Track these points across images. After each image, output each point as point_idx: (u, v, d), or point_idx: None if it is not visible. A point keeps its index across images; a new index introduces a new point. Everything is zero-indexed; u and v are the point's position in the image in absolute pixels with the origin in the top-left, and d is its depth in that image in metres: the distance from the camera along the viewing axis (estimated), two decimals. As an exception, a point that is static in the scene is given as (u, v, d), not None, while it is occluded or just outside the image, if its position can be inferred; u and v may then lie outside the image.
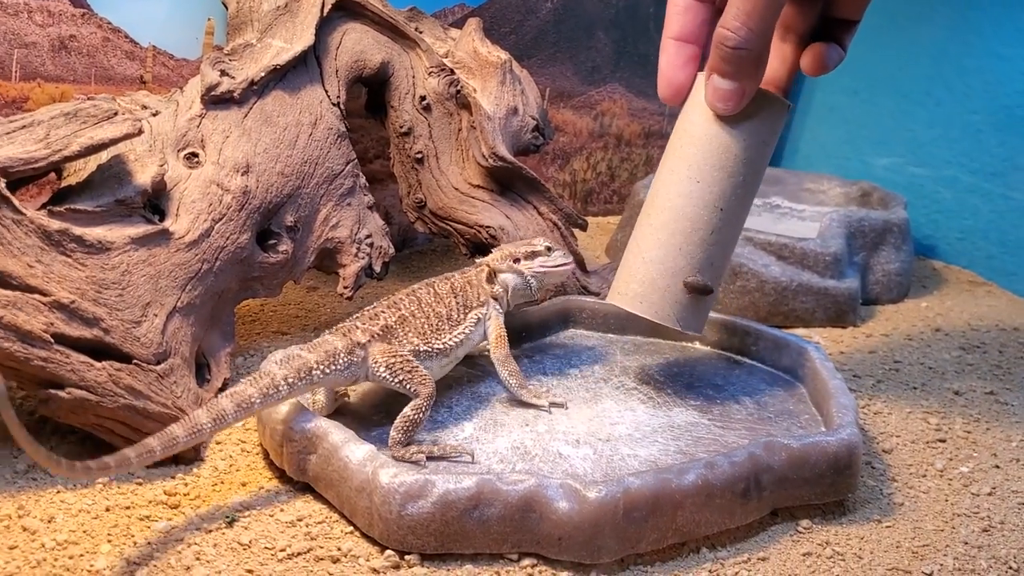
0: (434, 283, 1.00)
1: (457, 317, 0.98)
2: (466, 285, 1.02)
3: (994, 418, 1.10)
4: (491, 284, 1.04)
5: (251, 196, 1.03)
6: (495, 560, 0.77)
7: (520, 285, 1.05)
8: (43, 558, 0.74)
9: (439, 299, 0.98)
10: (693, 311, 0.95)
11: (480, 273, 1.04)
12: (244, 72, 1.09)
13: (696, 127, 0.92)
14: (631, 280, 0.96)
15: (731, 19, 0.82)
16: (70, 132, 0.89)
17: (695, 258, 0.93)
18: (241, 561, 0.75)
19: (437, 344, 0.95)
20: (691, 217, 0.92)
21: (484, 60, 1.34)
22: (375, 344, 0.90)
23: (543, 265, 1.05)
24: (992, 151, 1.74)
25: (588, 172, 1.94)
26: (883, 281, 1.55)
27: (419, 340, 0.94)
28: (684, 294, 0.93)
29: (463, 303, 1.00)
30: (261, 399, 0.81)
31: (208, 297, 0.98)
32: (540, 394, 0.99)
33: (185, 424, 0.77)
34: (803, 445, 0.85)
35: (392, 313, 0.94)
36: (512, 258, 1.05)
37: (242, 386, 0.81)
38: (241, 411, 0.80)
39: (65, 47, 1.21)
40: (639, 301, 0.95)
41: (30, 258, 0.83)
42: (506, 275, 1.04)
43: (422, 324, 0.95)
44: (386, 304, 0.95)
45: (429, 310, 0.96)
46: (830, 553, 0.81)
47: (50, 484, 0.84)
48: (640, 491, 0.76)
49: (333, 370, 0.87)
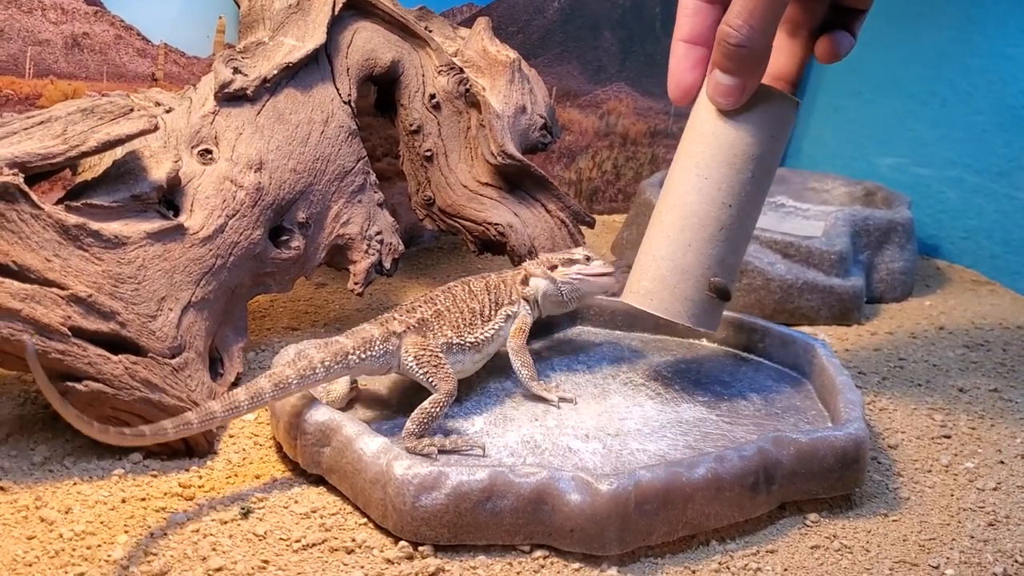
0: (470, 281, 1.03)
1: (489, 313, 1.01)
2: (500, 284, 1.05)
3: (998, 415, 1.10)
4: (524, 286, 1.06)
5: (264, 193, 1.04)
6: (507, 552, 0.78)
7: (552, 291, 1.06)
8: (61, 548, 0.75)
9: (473, 295, 1.01)
10: (707, 308, 0.96)
11: (517, 275, 1.07)
12: (257, 70, 1.10)
13: (704, 124, 0.93)
14: (643, 278, 0.97)
15: (734, 17, 0.84)
16: (87, 128, 0.90)
17: (705, 255, 0.94)
18: (257, 552, 0.76)
19: (469, 338, 0.98)
20: (699, 214, 0.93)
21: (493, 59, 1.35)
22: (410, 335, 0.93)
23: (579, 274, 1.07)
24: (997, 151, 1.75)
25: (594, 171, 1.95)
26: (887, 280, 1.56)
27: (452, 333, 0.97)
28: (697, 291, 0.94)
29: (495, 300, 1.02)
30: (298, 380, 0.84)
31: (222, 292, 0.99)
32: (550, 388, 1.00)
33: (224, 400, 0.80)
34: (811, 440, 0.86)
35: (428, 308, 0.97)
36: (549, 264, 1.07)
37: (280, 368, 0.84)
38: (279, 390, 0.83)
39: (78, 44, 1.22)
40: (650, 299, 0.96)
41: (48, 252, 0.84)
42: (538, 280, 1.06)
43: (456, 318, 0.98)
44: (423, 299, 0.98)
45: (463, 305, 0.99)
46: (838, 546, 0.82)
47: (67, 476, 0.86)
48: (651, 484, 0.77)
49: (368, 356, 0.90)
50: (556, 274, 1.07)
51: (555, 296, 1.07)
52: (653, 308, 0.96)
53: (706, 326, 0.97)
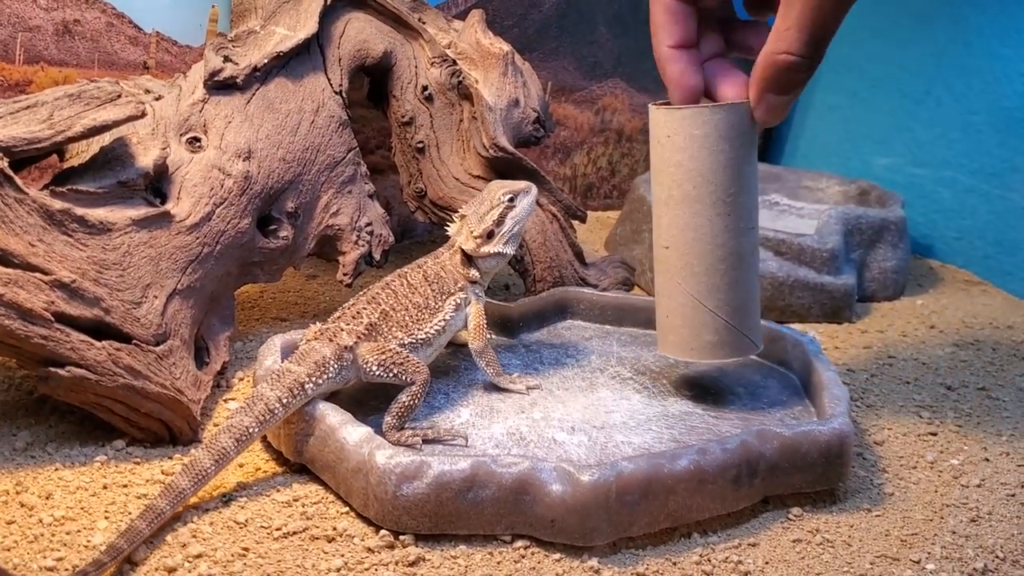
0: (406, 273, 0.98)
1: (435, 305, 0.97)
2: (440, 271, 0.99)
3: (985, 413, 1.10)
4: (467, 268, 1.01)
5: (252, 181, 1.04)
6: (489, 541, 0.78)
7: (499, 260, 1.02)
8: (40, 533, 0.75)
9: (413, 289, 0.96)
10: (740, 330, 0.95)
11: (454, 256, 1.01)
12: (247, 58, 1.10)
13: (694, 161, 0.90)
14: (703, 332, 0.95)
15: (793, 42, 0.80)
16: (74, 113, 0.89)
17: (752, 284, 0.95)
18: (237, 539, 0.76)
19: (420, 335, 0.95)
20: (738, 251, 0.92)
21: (486, 51, 1.35)
22: (362, 344, 0.90)
23: (514, 224, 1.01)
24: (991, 152, 1.75)
25: (589, 167, 1.95)
26: (879, 278, 1.55)
27: (403, 333, 0.94)
28: (717, 321, 0.94)
29: (439, 290, 0.98)
30: (258, 426, 0.81)
31: (208, 280, 0.98)
32: (516, 380, 1.00)
33: (188, 470, 0.77)
34: (795, 434, 0.86)
35: (373, 309, 0.93)
36: (484, 232, 1.00)
37: (238, 417, 0.81)
38: (242, 443, 0.80)
39: (69, 31, 1.22)
40: (725, 349, 0.95)
41: (32, 237, 0.84)
42: (482, 260, 1.01)
43: (403, 317, 0.94)
44: (365, 300, 0.94)
45: (407, 301, 0.95)
46: (820, 540, 0.82)
47: (49, 462, 0.85)
48: (633, 475, 0.77)
49: (325, 379, 0.86)
50: (495, 240, 1.00)
51: (503, 261, 1.02)
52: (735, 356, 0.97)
53: (750, 350, 0.97)
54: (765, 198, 1.83)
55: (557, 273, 1.27)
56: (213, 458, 0.78)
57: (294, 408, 0.84)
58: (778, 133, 2.25)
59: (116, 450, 0.88)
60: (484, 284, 1.03)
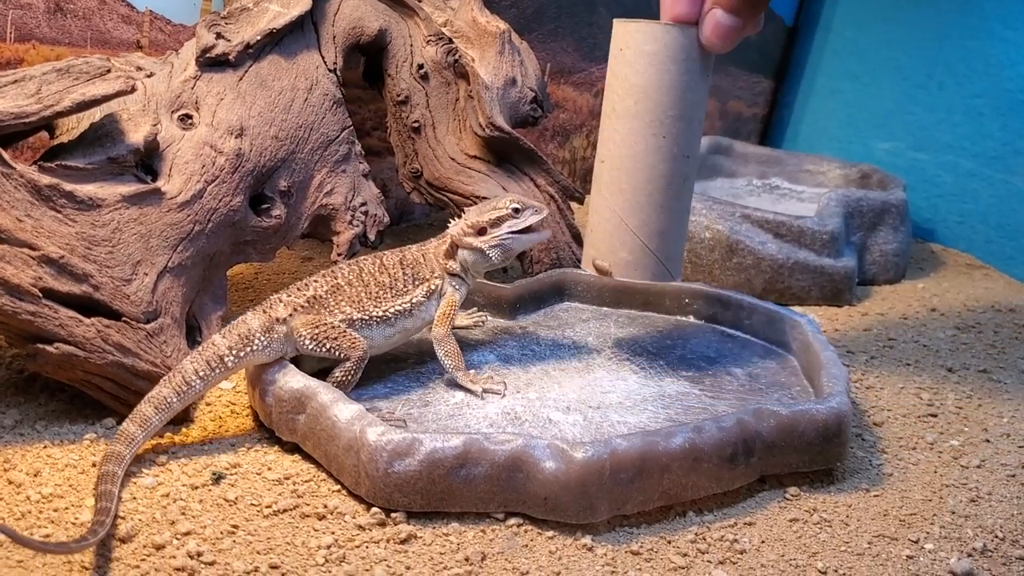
0: (384, 255, 0.97)
1: (403, 288, 0.95)
2: (420, 258, 0.98)
3: (986, 395, 1.09)
4: (449, 259, 0.99)
5: (244, 159, 1.02)
6: (481, 519, 0.77)
7: (480, 260, 0.98)
8: (28, 510, 0.74)
9: (383, 269, 0.95)
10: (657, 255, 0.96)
11: (441, 245, 0.99)
12: (240, 35, 1.09)
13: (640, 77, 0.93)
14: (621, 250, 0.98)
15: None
16: (62, 88, 0.88)
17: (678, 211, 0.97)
18: (227, 517, 0.75)
19: (376, 312, 0.92)
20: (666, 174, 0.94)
21: (483, 29, 1.33)
22: (297, 316, 0.89)
23: (510, 232, 0.98)
24: (994, 135, 1.73)
25: (588, 150, 1.94)
26: (880, 261, 1.54)
27: (352, 309, 0.91)
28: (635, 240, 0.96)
29: (413, 275, 0.96)
30: (178, 398, 0.82)
31: (200, 259, 0.97)
32: (477, 379, 0.94)
33: (119, 436, 0.78)
34: (792, 412, 0.84)
35: (325, 282, 0.92)
36: (477, 227, 0.98)
37: (158, 388, 0.81)
38: (162, 413, 0.81)
39: (61, 9, 1.21)
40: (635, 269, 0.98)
41: (19, 212, 0.83)
42: (464, 252, 0.98)
43: (358, 292, 0.92)
44: (321, 274, 0.93)
45: (369, 279, 0.93)
46: (817, 520, 0.81)
47: (37, 440, 0.84)
48: (627, 452, 0.76)
49: (249, 351, 0.85)
50: (485, 239, 0.97)
51: (484, 263, 0.99)
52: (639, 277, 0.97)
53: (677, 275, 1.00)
54: (766, 181, 1.81)
55: (555, 255, 1.26)
56: (138, 425, 0.79)
57: (217, 381, 0.85)
58: (779, 117, 2.24)
59: (106, 428, 0.87)
60: (465, 280, 1.00)
